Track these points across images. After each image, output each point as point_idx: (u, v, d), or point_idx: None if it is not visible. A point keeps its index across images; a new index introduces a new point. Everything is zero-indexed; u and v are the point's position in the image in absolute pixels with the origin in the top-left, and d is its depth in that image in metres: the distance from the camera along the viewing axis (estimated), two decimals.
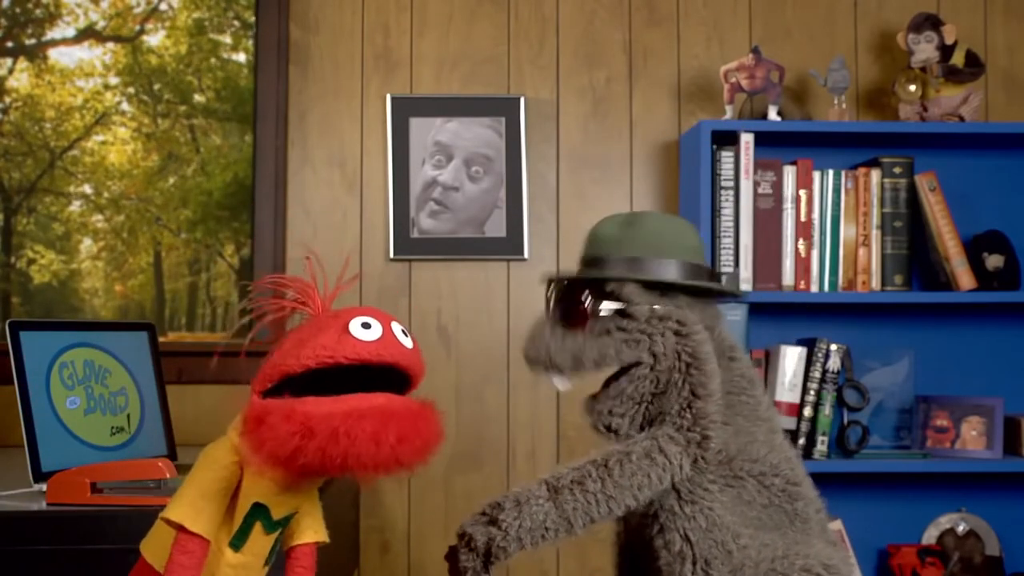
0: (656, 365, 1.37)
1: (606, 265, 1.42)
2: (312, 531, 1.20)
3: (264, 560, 1.15)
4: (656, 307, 1.38)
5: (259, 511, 1.11)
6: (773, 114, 2.52)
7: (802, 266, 2.52)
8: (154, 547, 1.17)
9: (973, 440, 2.53)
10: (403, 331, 1.10)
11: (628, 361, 1.37)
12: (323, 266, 1.17)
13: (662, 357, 1.36)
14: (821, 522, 1.43)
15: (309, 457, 1.02)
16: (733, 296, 1.48)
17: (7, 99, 2.66)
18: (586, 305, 1.39)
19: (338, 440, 1.02)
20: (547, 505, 1.31)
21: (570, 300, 1.42)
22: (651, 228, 1.42)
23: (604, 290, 1.39)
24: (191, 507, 1.08)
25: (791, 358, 2.50)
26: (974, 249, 2.55)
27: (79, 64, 2.67)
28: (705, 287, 1.41)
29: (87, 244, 2.66)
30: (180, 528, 1.08)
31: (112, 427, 1.95)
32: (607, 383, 1.44)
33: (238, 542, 1.12)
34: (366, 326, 1.08)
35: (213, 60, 2.70)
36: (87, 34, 2.68)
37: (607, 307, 1.39)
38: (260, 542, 1.13)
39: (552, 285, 1.46)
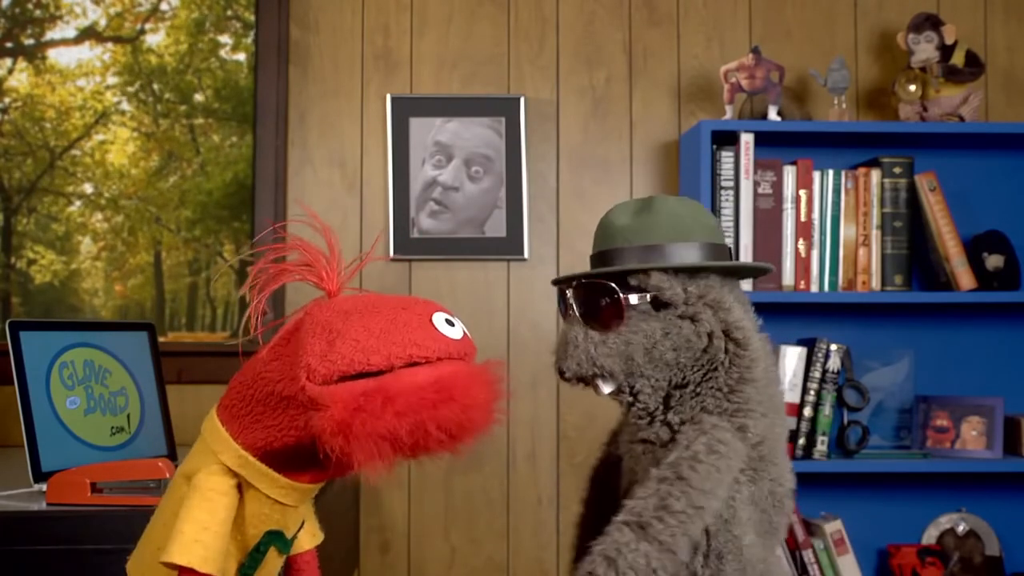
0: (708, 346, 1.31)
1: (624, 255, 1.35)
2: (310, 535, 1.15)
3: None
4: (690, 288, 1.31)
5: (274, 537, 1.05)
6: (773, 114, 2.52)
7: (802, 266, 2.52)
8: (143, 570, 1.08)
9: (973, 440, 2.53)
10: (449, 321, 1.01)
11: (678, 346, 1.31)
12: (336, 239, 1.05)
13: (709, 336, 1.31)
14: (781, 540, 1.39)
15: (423, 433, 0.91)
16: (762, 272, 1.42)
17: (7, 99, 2.66)
18: (621, 303, 1.32)
19: (471, 406, 0.92)
20: (643, 546, 1.19)
21: (597, 299, 1.33)
22: (667, 212, 1.36)
23: (629, 283, 1.32)
24: (198, 545, 0.98)
25: (791, 358, 2.50)
26: (974, 249, 2.55)
27: (79, 64, 2.67)
28: (733, 267, 1.34)
29: (87, 244, 2.66)
30: (187, 571, 0.98)
31: (112, 427, 1.95)
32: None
33: (249, 571, 1.06)
34: (450, 323, 0.98)
35: (213, 60, 2.70)
36: (87, 34, 2.68)
37: (640, 299, 1.31)
38: (273, 562, 1.08)
39: (567, 287, 1.36)
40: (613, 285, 1.32)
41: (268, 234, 2.60)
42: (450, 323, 0.97)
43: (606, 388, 1.33)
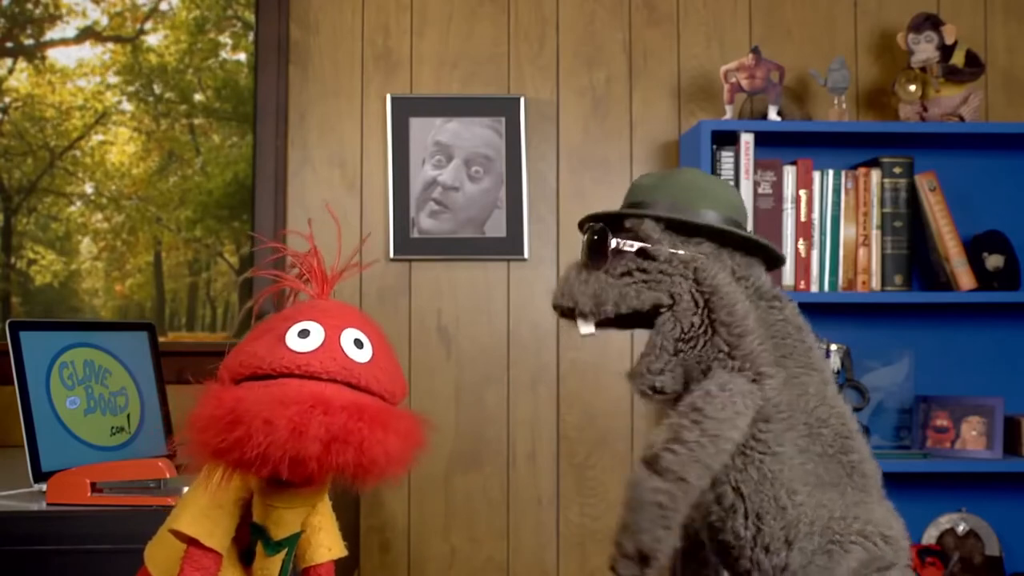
0: (675, 306, 1.32)
1: (634, 207, 1.38)
2: (327, 548, 1.12)
3: None
4: (679, 251, 1.34)
5: (257, 531, 1.04)
6: (773, 114, 2.52)
7: (802, 266, 2.52)
8: (159, 557, 1.08)
9: (973, 440, 2.53)
10: (356, 341, 0.97)
11: (648, 303, 1.33)
12: (321, 259, 1.06)
13: (678, 297, 1.32)
14: (879, 480, 1.37)
15: (234, 448, 0.90)
16: (768, 253, 1.41)
17: (7, 99, 2.66)
18: (607, 244, 1.35)
19: (259, 428, 0.89)
20: (655, 481, 1.21)
21: (593, 241, 1.37)
22: (688, 178, 1.39)
23: (624, 228, 1.36)
24: (205, 519, 0.99)
25: None
26: (974, 249, 2.54)
27: (79, 64, 2.67)
28: (730, 232, 1.35)
29: (87, 244, 2.66)
30: (193, 542, 0.99)
31: (112, 427, 1.95)
32: None
33: (247, 560, 1.07)
34: (304, 334, 0.96)
35: (213, 60, 2.70)
36: (87, 34, 2.68)
37: (627, 246, 1.35)
38: (266, 563, 1.06)
39: (585, 228, 1.41)
40: (603, 226, 1.36)
41: (267, 251, 2.60)
42: (304, 334, 0.97)
43: (583, 328, 1.37)
